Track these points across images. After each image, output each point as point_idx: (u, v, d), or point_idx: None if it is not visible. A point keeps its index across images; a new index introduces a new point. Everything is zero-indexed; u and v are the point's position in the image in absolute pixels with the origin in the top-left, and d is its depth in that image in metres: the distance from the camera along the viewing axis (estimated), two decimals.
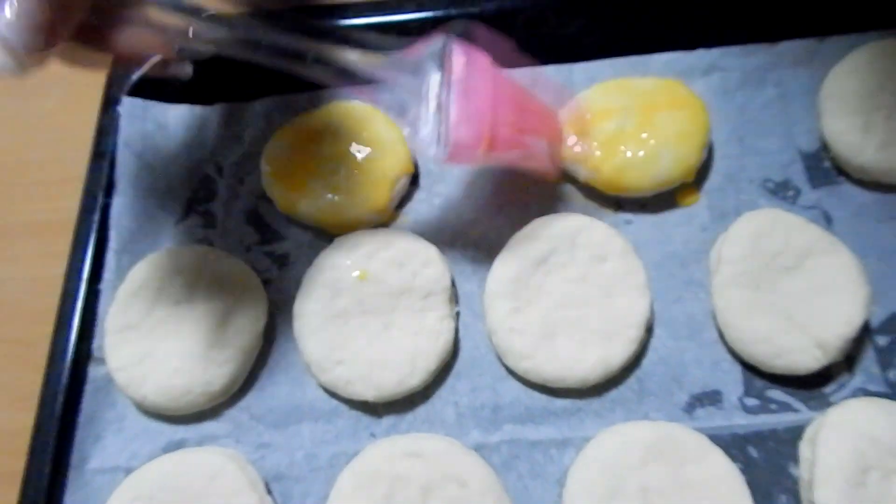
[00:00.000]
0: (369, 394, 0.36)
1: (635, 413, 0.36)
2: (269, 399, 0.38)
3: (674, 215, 0.40)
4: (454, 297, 0.39)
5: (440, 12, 0.44)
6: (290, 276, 0.41)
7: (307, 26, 0.34)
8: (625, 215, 0.41)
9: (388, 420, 0.37)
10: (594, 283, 0.37)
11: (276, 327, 0.40)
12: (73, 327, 0.39)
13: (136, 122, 0.44)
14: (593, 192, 0.41)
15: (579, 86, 0.43)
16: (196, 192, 0.44)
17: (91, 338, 0.39)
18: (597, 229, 0.38)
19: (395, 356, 0.36)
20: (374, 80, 0.34)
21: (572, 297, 0.37)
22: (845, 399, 0.34)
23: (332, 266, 0.38)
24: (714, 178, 0.41)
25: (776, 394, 0.36)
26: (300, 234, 0.42)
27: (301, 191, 0.41)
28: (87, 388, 0.38)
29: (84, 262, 0.40)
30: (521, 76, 0.43)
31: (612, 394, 0.36)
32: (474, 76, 0.35)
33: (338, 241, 0.39)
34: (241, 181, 0.44)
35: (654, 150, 0.39)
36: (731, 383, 0.36)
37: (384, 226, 0.41)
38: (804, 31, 0.43)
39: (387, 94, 0.35)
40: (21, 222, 0.45)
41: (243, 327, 0.38)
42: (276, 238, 0.42)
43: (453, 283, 0.39)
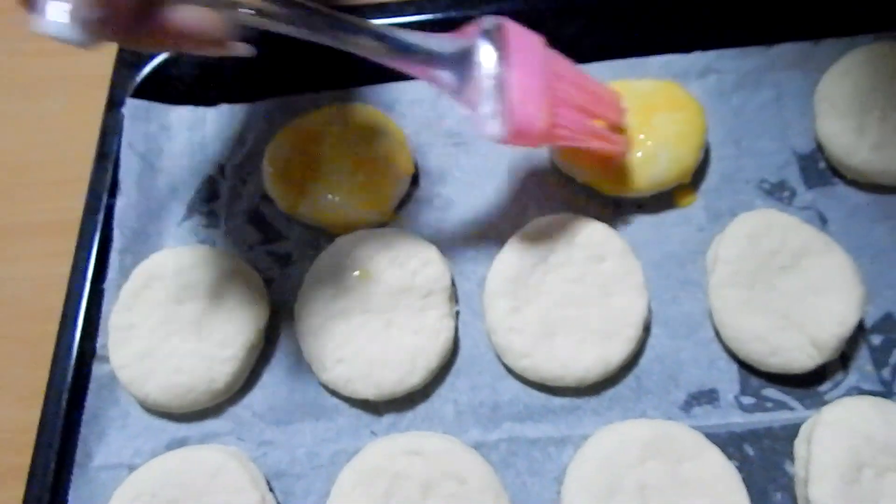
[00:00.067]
0: (370, 392, 0.36)
1: (633, 411, 0.36)
2: (271, 397, 0.38)
3: (671, 216, 0.41)
4: (454, 297, 0.39)
5: (440, 14, 0.45)
6: (292, 275, 0.41)
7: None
8: (622, 216, 0.41)
9: (388, 418, 0.37)
10: (592, 283, 0.37)
11: (277, 326, 0.40)
12: (77, 326, 0.39)
13: (140, 123, 0.44)
14: (592, 193, 0.41)
15: None
16: (199, 193, 0.44)
17: (95, 336, 0.39)
18: (595, 229, 0.39)
19: (396, 355, 0.36)
20: (432, 60, 0.33)
21: (571, 296, 0.37)
22: (840, 397, 0.35)
23: (334, 265, 0.39)
24: (711, 179, 0.41)
25: (772, 392, 0.36)
26: (302, 233, 0.42)
27: (302, 191, 0.41)
28: (91, 385, 0.38)
29: (88, 261, 0.41)
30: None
31: (610, 392, 0.37)
32: (531, 55, 0.35)
33: (339, 240, 0.40)
34: (243, 181, 0.44)
35: (652, 152, 0.39)
36: (728, 382, 0.36)
37: (385, 226, 0.42)
38: (799, 34, 0.43)
39: (443, 72, 0.34)
40: (26, 222, 0.45)
41: (245, 326, 0.38)
42: (277, 238, 0.43)
43: (453, 283, 0.39)
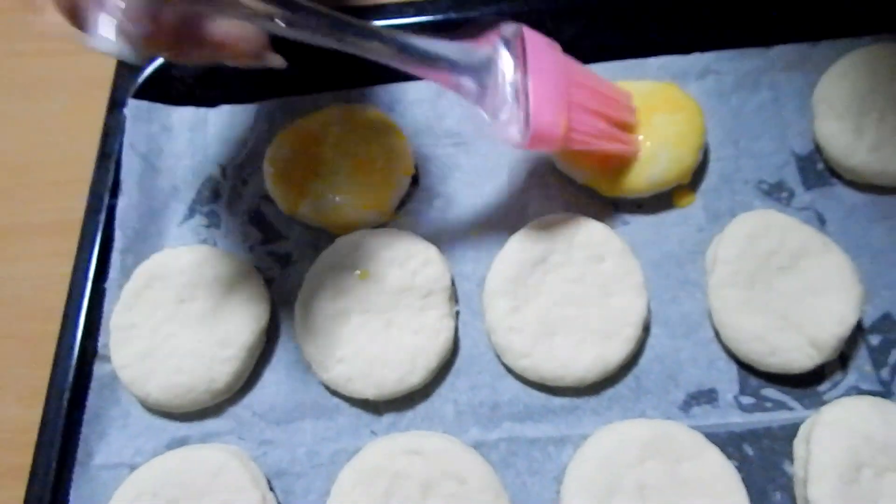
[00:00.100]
0: (370, 392, 0.36)
1: (632, 411, 0.36)
2: (272, 397, 0.38)
3: (670, 216, 0.41)
4: (454, 297, 0.39)
5: (440, 16, 0.45)
6: (292, 275, 0.41)
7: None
8: (622, 216, 0.41)
9: (388, 418, 0.37)
10: (592, 283, 0.37)
11: (278, 326, 0.40)
12: (78, 325, 0.39)
13: (142, 123, 0.44)
14: (591, 194, 0.41)
15: None
16: (200, 193, 0.44)
17: (96, 336, 0.39)
18: (595, 230, 0.39)
19: (396, 354, 0.37)
20: (455, 68, 0.34)
21: (570, 296, 0.37)
22: (839, 397, 0.35)
23: (334, 265, 0.39)
24: (709, 180, 0.42)
25: (771, 392, 0.36)
26: (302, 233, 0.42)
27: (303, 191, 0.41)
28: (93, 385, 0.38)
29: (90, 261, 0.41)
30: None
31: (610, 392, 0.37)
32: (549, 61, 0.36)
33: (339, 240, 0.40)
34: (244, 182, 0.44)
35: (651, 152, 0.40)
36: (727, 382, 0.36)
37: (385, 226, 0.42)
38: (798, 36, 0.43)
39: (464, 78, 0.35)
40: (28, 222, 0.45)
41: (246, 326, 0.38)
42: (278, 238, 0.43)
43: (453, 283, 0.39)
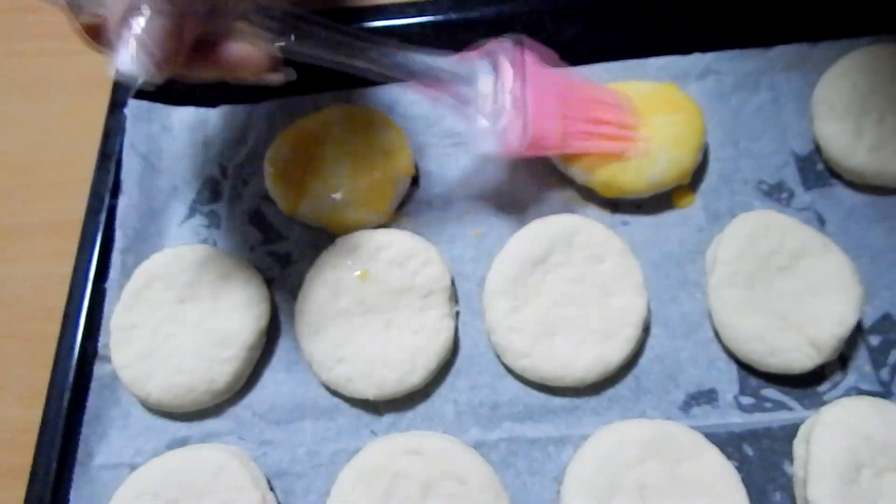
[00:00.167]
0: (370, 392, 0.36)
1: (632, 411, 0.36)
2: (272, 397, 0.38)
3: (670, 216, 0.41)
4: (454, 297, 0.39)
5: (440, 17, 0.45)
6: (293, 275, 0.41)
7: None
8: (622, 216, 0.41)
9: (388, 418, 0.37)
10: (592, 283, 0.38)
11: (278, 326, 0.40)
12: (79, 325, 0.39)
13: (142, 124, 0.44)
14: (591, 194, 0.42)
15: None
16: (200, 193, 0.44)
17: (97, 336, 0.39)
18: (594, 230, 0.39)
19: (396, 354, 0.37)
20: (457, 79, 0.36)
21: (570, 296, 0.37)
22: (839, 398, 0.35)
23: (334, 266, 0.39)
24: (709, 180, 0.42)
25: (771, 392, 0.36)
26: (302, 234, 0.42)
27: (303, 192, 0.41)
28: (93, 385, 0.38)
29: (90, 261, 0.41)
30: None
31: (610, 392, 0.37)
32: (545, 70, 0.37)
33: (339, 241, 0.40)
34: (244, 182, 0.44)
35: (651, 153, 0.40)
36: (727, 382, 0.36)
37: (385, 226, 0.42)
38: (797, 36, 0.43)
39: (466, 89, 0.36)
40: (28, 222, 0.45)
41: (246, 326, 0.38)
42: (278, 238, 0.43)
43: (453, 283, 0.39)
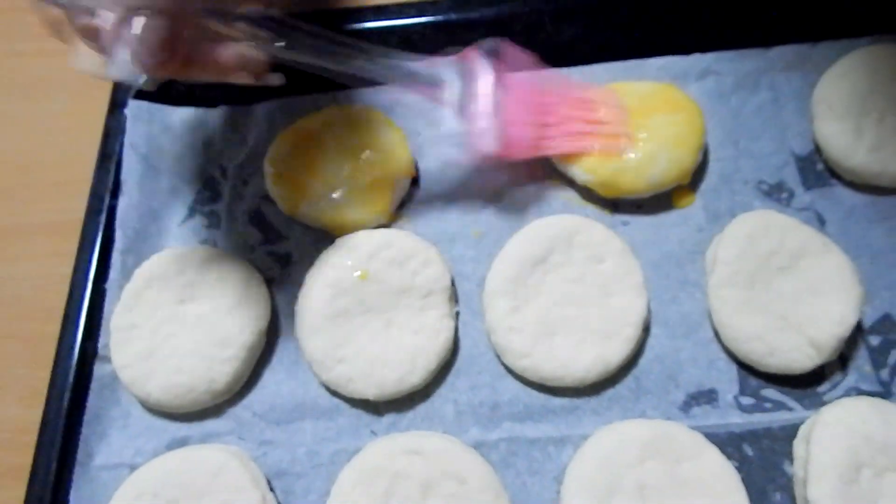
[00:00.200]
0: (370, 392, 0.36)
1: (632, 411, 0.36)
2: (272, 397, 0.38)
3: (670, 216, 0.41)
4: (454, 297, 0.39)
5: (440, 17, 0.45)
6: (293, 275, 0.41)
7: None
8: (622, 216, 0.41)
9: (388, 418, 0.37)
10: (592, 283, 0.38)
11: (278, 326, 0.40)
12: (79, 326, 0.39)
13: (142, 124, 0.44)
14: (590, 194, 0.42)
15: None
16: (200, 194, 0.44)
17: (97, 336, 0.39)
18: (594, 230, 0.39)
19: (396, 355, 0.37)
20: (435, 81, 0.37)
21: (570, 296, 0.37)
22: (839, 398, 0.35)
23: (334, 266, 0.39)
24: (709, 180, 0.42)
25: (771, 393, 0.36)
26: (302, 234, 0.43)
27: (303, 192, 0.41)
28: (93, 385, 0.38)
29: (90, 261, 0.41)
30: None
31: (610, 392, 0.37)
32: (525, 75, 0.38)
33: (339, 241, 0.40)
34: (244, 182, 0.44)
35: (650, 153, 0.40)
36: (727, 382, 0.36)
37: (385, 226, 0.42)
38: (797, 36, 0.43)
39: (445, 92, 0.37)
40: (28, 222, 0.45)
41: (246, 326, 0.38)
42: (278, 238, 0.43)
43: (453, 283, 0.39)
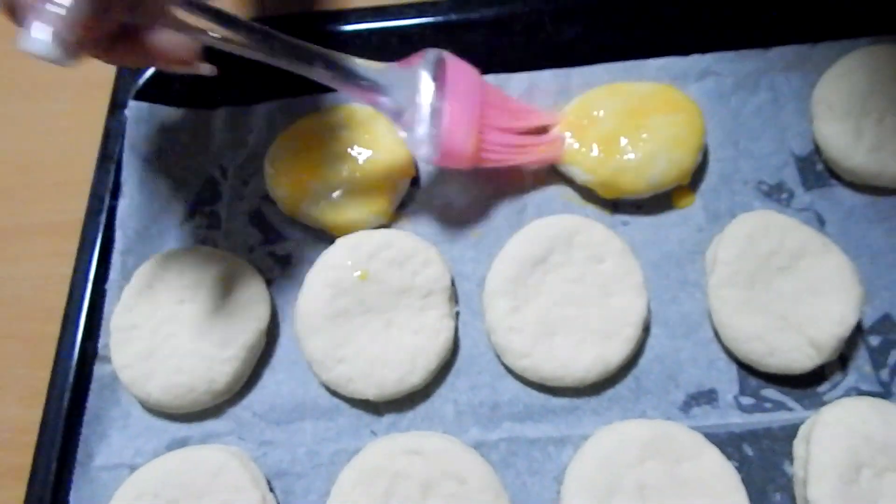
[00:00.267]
0: (370, 392, 0.36)
1: (632, 411, 0.36)
2: (272, 397, 0.38)
3: (670, 217, 0.41)
4: (454, 297, 0.39)
5: (440, 18, 0.45)
6: (293, 275, 0.41)
7: (312, 32, 0.35)
8: (621, 216, 0.41)
9: (388, 418, 0.37)
10: (592, 283, 0.38)
11: (278, 326, 0.40)
12: (79, 326, 0.39)
13: (143, 125, 0.44)
14: (590, 194, 0.42)
15: (576, 90, 0.44)
16: (200, 194, 0.44)
17: (97, 336, 0.39)
18: (594, 230, 0.39)
19: (396, 355, 0.37)
20: (376, 87, 0.36)
21: (570, 296, 0.37)
22: (839, 398, 0.35)
23: (334, 266, 0.39)
24: (709, 181, 0.42)
25: (771, 393, 0.36)
26: (302, 234, 0.43)
27: (304, 192, 0.41)
28: (93, 385, 0.38)
29: (90, 262, 0.41)
30: (518, 81, 0.44)
31: (610, 392, 0.37)
32: (466, 86, 0.38)
33: (339, 241, 0.40)
34: (244, 183, 0.44)
35: (650, 154, 0.40)
36: (727, 382, 0.36)
37: (385, 226, 0.42)
38: (796, 37, 0.43)
39: (384, 98, 0.37)
40: (29, 223, 0.46)
41: (246, 326, 0.38)
42: (278, 239, 0.43)
43: (453, 283, 0.40)
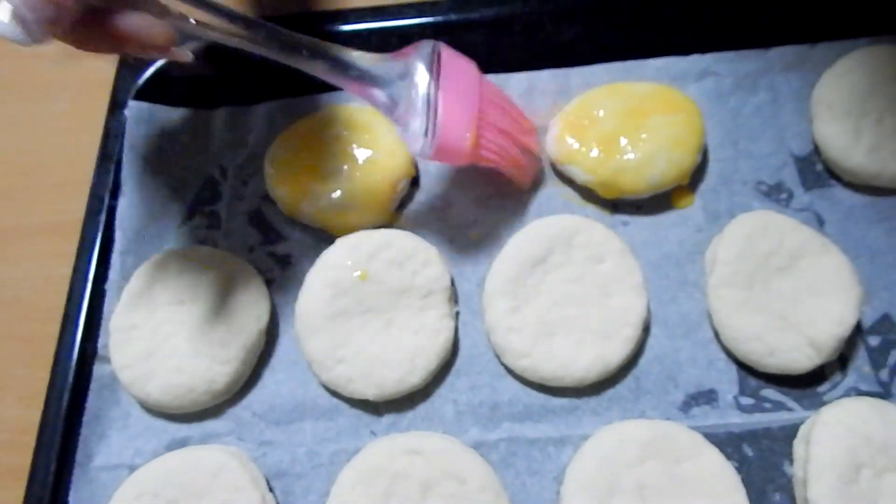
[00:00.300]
0: (370, 392, 0.36)
1: (632, 411, 0.36)
2: (272, 397, 0.38)
3: (669, 217, 0.41)
4: (454, 297, 0.39)
5: (440, 18, 0.45)
6: (293, 275, 0.41)
7: (312, 32, 0.35)
8: (621, 217, 0.41)
9: (388, 418, 0.37)
10: (592, 283, 0.38)
11: (278, 326, 0.40)
12: (79, 326, 0.39)
13: (142, 125, 0.44)
14: (590, 195, 0.42)
15: (575, 90, 0.44)
16: (200, 194, 0.44)
17: (96, 337, 0.39)
18: (594, 230, 0.39)
19: (396, 355, 0.37)
20: (367, 78, 0.35)
21: (570, 296, 0.37)
22: (838, 398, 0.35)
23: (334, 266, 0.39)
24: (708, 181, 0.42)
25: (770, 393, 0.36)
26: (302, 234, 0.43)
27: (303, 192, 0.41)
28: (93, 386, 0.38)
29: (90, 262, 0.41)
30: (517, 81, 0.44)
31: (609, 392, 0.37)
32: (463, 79, 0.37)
33: (339, 241, 0.40)
34: (244, 183, 0.45)
35: (650, 154, 0.40)
36: (726, 382, 0.36)
37: (385, 226, 0.42)
38: (796, 37, 0.43)
39: (377, 90, 0.36)
40: (28, 223, 0.46)
41: (246, 326, 0.38)
42: (278, 239, 0.43)
43: (453, 283, 0.40)
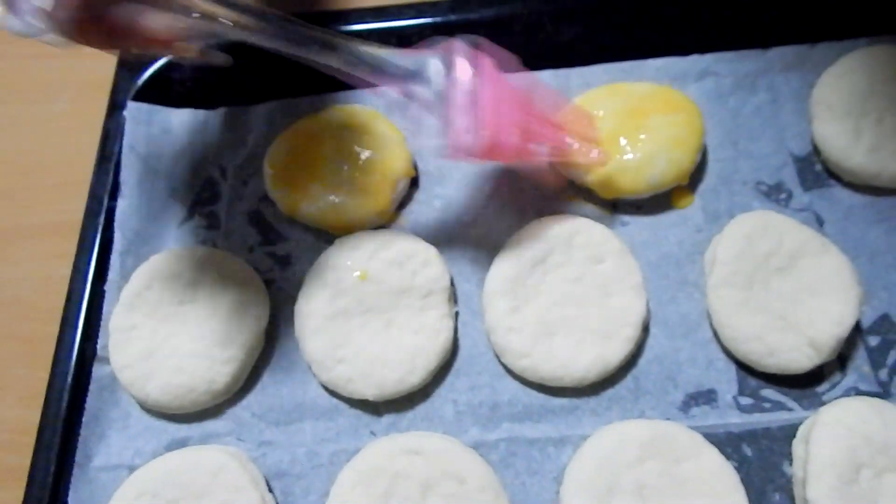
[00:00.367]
0: (370, 392, 0.36)
1: (631, 411, 0.36)
2: (271, 397, 0.38)
3: (669, 217, 0.41)
4: (453, 297, 0.39)
5: (440, 18, 0.45)
6: (292, 276, 0.41)
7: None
8: (621, 217, 0.41)
9: (388, 418, 0.37)
10: (591, 283, 0.38)
11: (277, 327, 0.40)
12: (78, 327, 0.39)
13: (142, 126, 0.44)
14: (590, 195, 0.42)
15: (575, 90, 0.44)
16: (200, 195, 0.44)
17: (96, 337, 0.39)
18: (594, 230, 0.39)
19: (396, 355, 0.37)
20: (385, 74, 0.34)
21: (570, 296, 0.37)
22: (838, 398, 0.35)
23: (334, 266, 0.39)
24: (708, 181, 0.42)
25: (770, 393, 0.36)
26: (302, 235, 0.43)
27: (303, 193, 0.41)
28: (92, 386, 0.38)
29: (89, 263, 0.41)
30: (517, 81, 0.44)
31: (609, 392, 0.37)
32: (481, 77, 0.36)
33: (339, 241, 0.40)
34: (244, 183, 0.45)
35: (649, 154, 0.40)
36: (726, 382, 0.36)
37: (385, 226, 0.42)
38: (795, 37, 0.44)
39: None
40: (28, 224, 0.46)
41: (246, 327, 0.38)
42: (278, 239, 0.43)
43: (452, 283, 0.40)
